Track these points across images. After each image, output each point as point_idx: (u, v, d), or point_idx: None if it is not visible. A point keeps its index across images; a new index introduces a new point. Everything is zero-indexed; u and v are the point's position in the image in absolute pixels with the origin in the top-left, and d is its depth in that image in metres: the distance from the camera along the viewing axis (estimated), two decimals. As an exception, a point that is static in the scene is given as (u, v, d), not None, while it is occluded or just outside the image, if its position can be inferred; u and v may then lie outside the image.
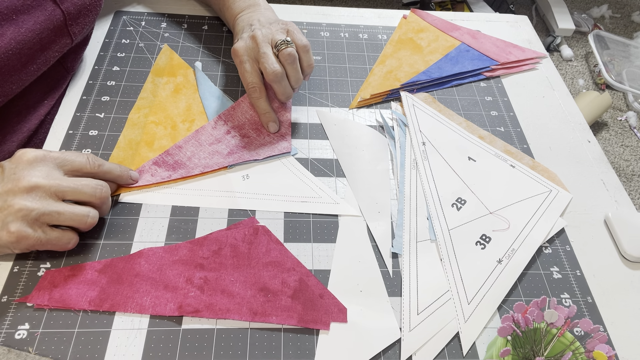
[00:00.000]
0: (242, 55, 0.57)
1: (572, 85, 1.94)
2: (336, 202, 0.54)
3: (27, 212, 0.41)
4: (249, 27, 0.60)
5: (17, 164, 0.43)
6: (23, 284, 0.45)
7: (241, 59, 0.57)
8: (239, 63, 0.58)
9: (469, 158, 0.61)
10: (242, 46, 0.58)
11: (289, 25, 0.60)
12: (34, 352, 0.41)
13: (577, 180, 0.61)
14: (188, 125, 0.60)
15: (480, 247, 0.52)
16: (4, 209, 0.41)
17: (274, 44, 0.57)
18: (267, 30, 0.58)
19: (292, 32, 0.59)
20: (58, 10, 0.55)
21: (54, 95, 0.62)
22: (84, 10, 0.59)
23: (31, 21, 0.53)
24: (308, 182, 0.56)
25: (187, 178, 0.55)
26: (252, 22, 0.61)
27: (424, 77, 0.69)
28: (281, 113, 0.62)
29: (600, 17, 2.24)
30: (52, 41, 0.56)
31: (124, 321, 0.44)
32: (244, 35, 0.59)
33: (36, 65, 0.55)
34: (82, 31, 0.60)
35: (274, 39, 0.57)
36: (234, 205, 0.53)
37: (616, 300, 0.51)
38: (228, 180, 0.55)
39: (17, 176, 0.42)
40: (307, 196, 0.55)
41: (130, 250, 0.48)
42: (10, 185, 0.42)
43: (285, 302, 0.46)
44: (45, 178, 0.43)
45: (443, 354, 0.45)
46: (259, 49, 0.57)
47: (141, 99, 0.62)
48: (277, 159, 0.58)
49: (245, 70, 0.57)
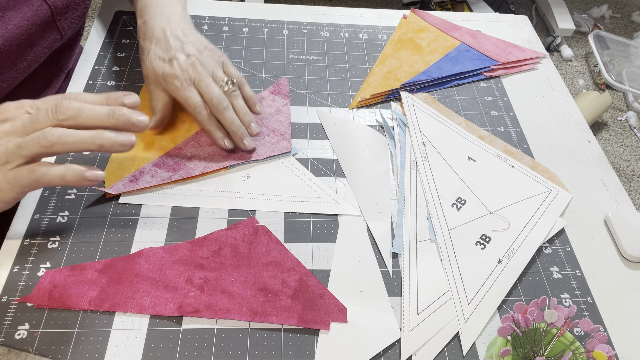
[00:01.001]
0: (183, 80, 0.54)
1: (572, 85, 1.94)
2: (336, 202, 0.55)
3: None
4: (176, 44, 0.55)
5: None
6: (23, 284, 0.45)
7: (182, 84, 0.54)
8: (178, 87, 0.54)
9: (469, 158, 0.61)
10: (179, 71, 0.54)
11: (222, 57, 0.59)
12: (34, 352, 0.41)
13: (577, 180, 0.61)
14: (188, 126, 0.60)
15: (480, 247, 0.52)
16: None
17: (217, 81, 0.56)
18: (206, 62, 0.56)
19: (227, 65, 0.58)
20: (45, 5, 0.55)
21: (47, 94, 0.62)
22: (72, 5, 0.58)
23: (18, 17, 0.52)
24: (308, 182, 0.56)
25: (187, 179, 0.55)
26: (176, 34, 0.56)
27: (424, 77, 0.69)
28: (280, 114, 0.62)
29: (600, 17, 2.24)
30: (41, 37, 0.56)
31: (124, 321, 0.44)
32: (176, 55, 0.55)
33: (26, 63, 0.55)
34: (72, 26, 0.60)
35: (216, 76, 0.56)
36: (235, 205, 0.53)
37: (616, 300, 0.51)
38: (228, 180, 0.55)
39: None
40: (308, 196, 0.55)
41: (130, 250, 0.48)
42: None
43: (285, 302, 0.46)
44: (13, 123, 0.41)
45: (443, 354, 0.45)
46: (201, 79, 0.54)
47: (143, 100, 0.62)
48: (277, 159, 0.58)
49: (190, 92, 0.54)
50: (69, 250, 0.47)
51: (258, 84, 0.66)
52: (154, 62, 0.55)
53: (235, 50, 0.70)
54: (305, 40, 0.74)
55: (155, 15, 0.58)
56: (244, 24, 0.75)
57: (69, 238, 0.48)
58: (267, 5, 0.79)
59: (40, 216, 0.49)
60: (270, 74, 0.68)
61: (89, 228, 0.49)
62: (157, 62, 0.55)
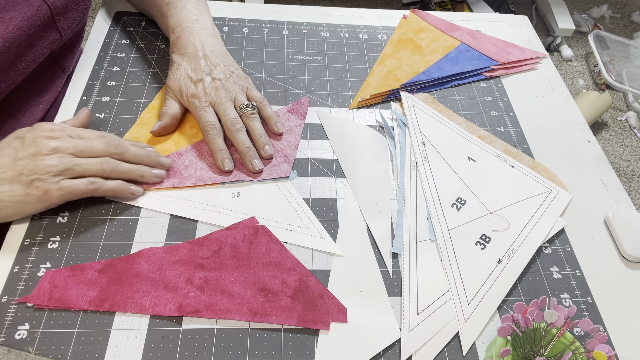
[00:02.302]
0: (203, 101, 0.57)
1: (572, 85, 1.94)
2: (322, 237, 0.52)
3: (50, 169, 0.46)
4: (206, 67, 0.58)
5: (35, 134, 0.48)
6: (23, 284, 0.45)
7: (202, 104, 0.57)
8: (197, 106, 0.57)
9: (469, 158, 0.61)
10: (202, 93, 0.57)
11: (247, 82, 0.61)
12: (34, 352, 0.41)
13: (577, 180, 0.61)
14: (195, 131, 0.59)
15: (480, 247, 0.52)
16: (30, 170, 0.46)
17: (237, 105, 0.58)
18: (230, 87, 0.58)
19: (251, 89, 0.61)
20: (44, 6, 0.55)
21: (49, 97, 0.62)
22: (72, 5, 0.58)
23: (18, 18, 0.52)
24: (298, 210, 0.54)
25: (177, 188, 0.54)
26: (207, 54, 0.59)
27: (424, 77, 0.69)
28: (290, 134, 0.61)
29: (600, 17, 2.24)
30: (41, 37, 0.56)
31: (124, 321, 0.44)
32: (203, 77, 0.58)
33: (25, 63, 0.55)
34: (72, 26, 0.60)
35: (237, 100, 0.58)
36: (218, 221, 0.51)
37: (616, 300, 0.51)
38: (218, 195, 0.54)
39: (38, 142, 0.47)
40: (294, 225, 0.52)
41: (130, 250, 0.48)
42: (32, 150, 0.47)
43: (285, 302, 0.46)
44: (63, 141, 0.49)
45: (443, 354, 0.45)
46: (220, 102, 0.57)
47: (157, 99, 0.62)
48: (272, 181, 0.56)
49: (205, 112, 0.57)
50: (69, 250, 0.47)
51: (258, 84, 0.66)
52: (181, 79, 0.59)
53: (235, 50, 0.70)
54: (305, 41, 0.74)
55: (189, 32, 0.61)
56: (244, 24, 0.75)
57: (69, 238, 0.48)
58: (267, 5, 0.79)
59: (40, 216, 0.49)
60: (270, 74, 0.68)
61: (89, 228, 0.49)
62: (185, 80, 0.58)
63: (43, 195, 0.46)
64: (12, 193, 0.46)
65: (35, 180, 0.46)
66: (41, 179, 0.46)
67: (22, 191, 0.46)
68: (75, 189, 0.48)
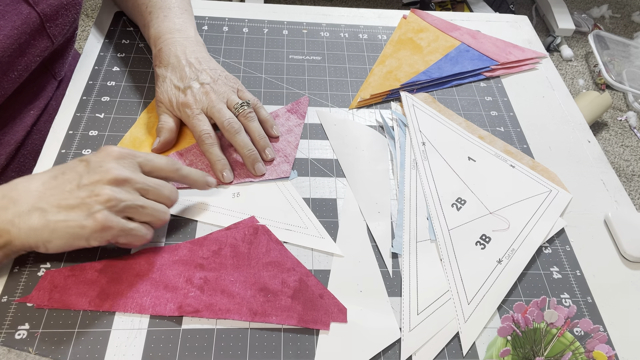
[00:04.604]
0: (195, 109, 0.55)
1: (572, 85, 1.94)
2: (321, 237, 0.51)
3: (115, 202, 0.42)
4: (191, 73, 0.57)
5: (103, 158, 0.44)
6: (23, 284, 0.45)
7: (194, 112, 0.55)
8: (189, 115, 0.55)
9: (469, 158, 0.61)
10: (192, 100, 0.55)
11: (237, 83, 0.60)
12: (34, 352, 0.41)
13: (577, 180, 0.61)
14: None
15: (480, 247, 0.52)
16: (91, 198, 0.42)
17: (231, 105, 0.56)
18: (220, 89, 0.57)
19: (242, 91, 0.59)
20: (34, 13, 0.54)
21: (39, 104, 0.61)
22: (62, 10, 0.57)
23: (8, 27, 0.51)
24: (298, 210, 0.54)
25: (177, 188, 0.53)
26: (191, 61, 0.57)
27: (424, 77, 0.69)
28: (290, 134, 0.61)
29: (600, 17, 2.24)
30: (31, 45, 0.55)
31: (124, 321, 0.44)
32: (191, 84, 0.56)
33: (17, 72, 0.54)
34: (63, 32, 0.59)
35: (230, 101, 0.56)
36: (218, 221, 0.51)
37: (616, 300, 0.51)
38: (217, 195, 0.54)
39: (105, 168, 0.43)
40: (294, 224, 0.52)
41: (130, 250, 0.48)
42: (97, 176, 0.42)
43: (285, 302, 0.46)
44: (133, 173, 0.44)
45: (443, 354, 0.45)
46: (213, 106, 0.55)
47: (146, 112, 0.61)
48: (272, 181, 0.56)
49: (198, 120, 0.55)
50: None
51: (258, 84, 0.66)
52: (169, 90, 0.57)
53: (235, 50, 0.70)
54: (305, 41, 0.74)
55: (170, 43, 0.59)
56: (244, 24, 0.75)
57: (69, 238, 0.48)
58: (267, 5, 0.79)
59: (40, 216, 0.49)
60: (270, 74, 0.68)
61: (89, 228, 0.49)
62: (173, 90, 0.57)
63: (101, 229, 0.41)
64: (67, 224, 0.41)
65: (96, 212, 0.41)
66: (101, 210, 0.41)
67: (78, 222, 0.41)
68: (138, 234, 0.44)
